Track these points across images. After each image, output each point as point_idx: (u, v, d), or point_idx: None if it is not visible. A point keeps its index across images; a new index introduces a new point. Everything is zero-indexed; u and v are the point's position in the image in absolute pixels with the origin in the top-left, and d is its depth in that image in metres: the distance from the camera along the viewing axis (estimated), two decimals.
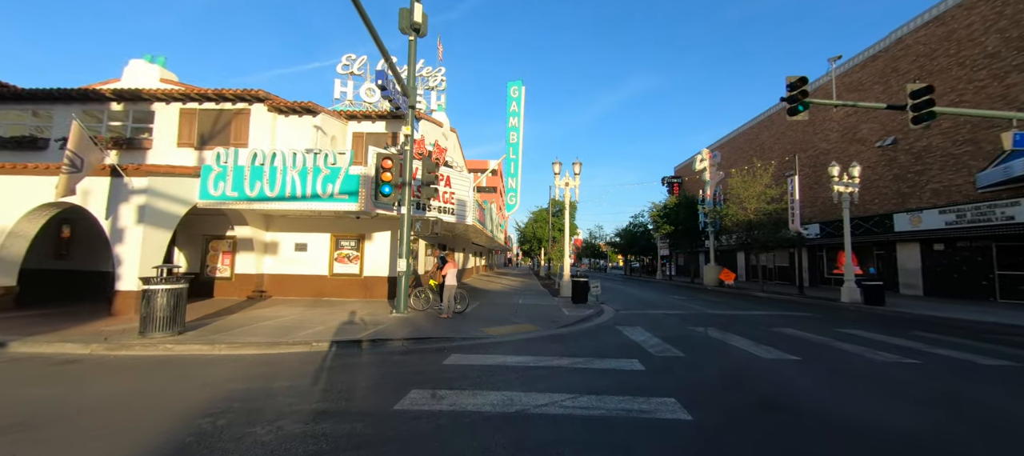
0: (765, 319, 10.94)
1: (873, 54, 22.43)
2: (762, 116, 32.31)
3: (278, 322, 8.58)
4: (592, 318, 10.56)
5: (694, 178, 38.03)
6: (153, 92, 13.22)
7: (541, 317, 10.29)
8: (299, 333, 7.30)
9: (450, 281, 9.78)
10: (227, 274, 13.12)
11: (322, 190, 10.48)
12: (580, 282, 13.40)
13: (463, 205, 13.41)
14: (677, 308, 13.27)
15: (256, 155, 10.61)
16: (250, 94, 13.09)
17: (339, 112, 15.17)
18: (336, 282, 13.19)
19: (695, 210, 30.24)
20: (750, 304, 15.25)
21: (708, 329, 9.07)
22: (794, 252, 27.51)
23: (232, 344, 6.36)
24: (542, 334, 8.30)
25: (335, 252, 13.30)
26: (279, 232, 13.37)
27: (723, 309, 13.21)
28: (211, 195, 10.50)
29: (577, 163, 16.53)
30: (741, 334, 8.44)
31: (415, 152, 11.29)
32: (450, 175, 12.96)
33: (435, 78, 31.06)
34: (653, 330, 8.83)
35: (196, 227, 13.18)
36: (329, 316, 9.46)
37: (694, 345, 7.30)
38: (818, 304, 15.40)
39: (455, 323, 8.97)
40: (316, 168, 10.52)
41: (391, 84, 8.30)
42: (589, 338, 7.98)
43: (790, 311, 13.00)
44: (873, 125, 22.08)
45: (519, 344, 7.26)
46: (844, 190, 16.28)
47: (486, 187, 63.26)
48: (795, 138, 27.97)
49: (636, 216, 42.66)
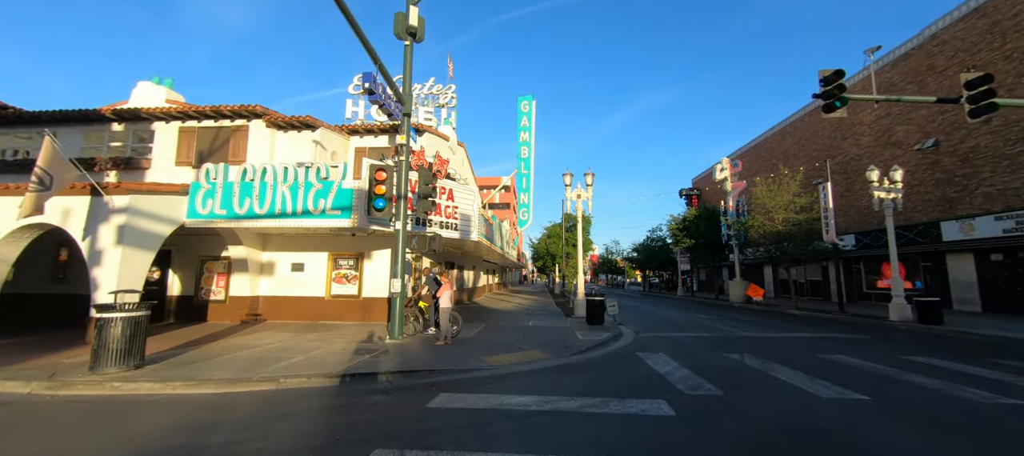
0: (808, 343, 9.59)
1: (905, 52, 21.01)
2: (785, 123, 30.86)
3: (256, 352, 7.75)
4: (609, 342, 9.42)
5: (714, 189, 36.50)
6: (151, 111, 12.97)
7: (551, 342, 9.21)
8: (271, 366, 6.44)
9: (445, 303, 8.84)
10: (222, 297, 12.49)
11: (314, 206, 9.79)
12: (595, 301, 12.27)
13: (467, 220, 12.55)
14: (704, 329, 11.96)
15: (246, 171, 10.04)
16: (247, 110, 12.69)
17: (341, 127, 14.68)
18: (334, 304, 12.40)
19: (716, 222, 28.74)
20: (786, 324, 13.77)
21: (744, 356, 7.82)
22: (827, 265, 25.70)
23: (189, 381, 5.52)
24: (551, 363, 7.24)
25: (333, 272, 12.56)
26: (275, 252, 12.74)
27: (756, 330, 11.84)
28: (199, 213, 9.92)
29: (589, 174, 15.57)
30: (786, 363, 7.18)
31: (413, 163, 10.56)
32: (453, 188, 12.16)
33: (445, 95, 30.83)
34: (680, 358, 7.65)
35: (191, 248, 12.67)
36: (317, 343, 8.61)
37: (732, 379, 6.12)
38: (864, 323, 13.81)
39: (453, 351, 7.98)
40: (307, 183, 9.86)
41: (380, 88, 7.60)
42: (605, 369, 6.87)
43: (834, 332, 11.54)
44: (909, 127, 20.50)
45: (523, 378, 6.22)
46: (886, 196, 14.81)
47: (499, 204, 62.70)
48: (822, 144, 26.42)
49: (654, 230, 41.15)
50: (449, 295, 8.93)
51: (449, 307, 8.86)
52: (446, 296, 8.84)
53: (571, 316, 14.70)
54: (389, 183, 9.10)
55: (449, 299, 8.88)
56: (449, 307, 8.86)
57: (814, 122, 27.43)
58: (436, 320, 9.10)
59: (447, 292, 8.88)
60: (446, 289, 8.90)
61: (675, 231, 30.73)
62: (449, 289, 8.99)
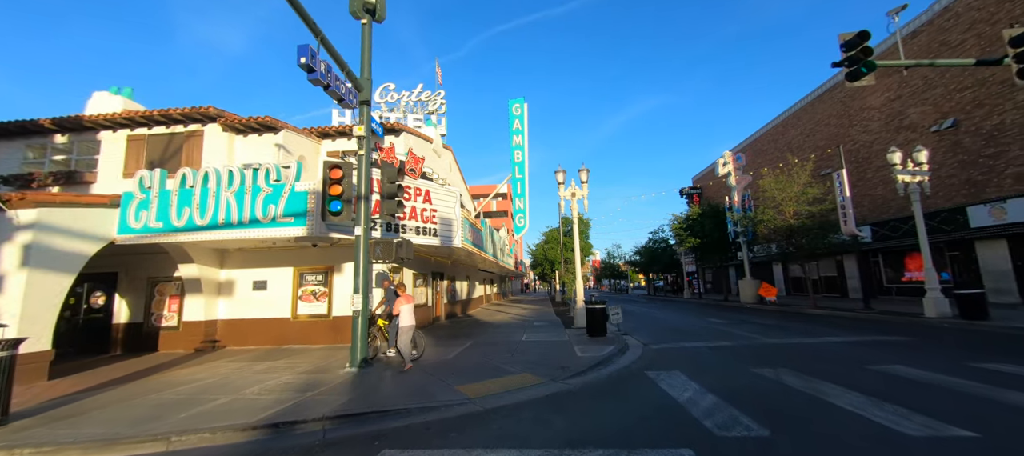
0: (848, 350, 8.14)
1: (913, 30, 19.80)
2: (787, 113, 29.65)
3: (183, 391, 6.33)
4: (613, 359, 7.99)
5: (717, 184, 35.20)
6: (95, 119, 11.69)
7: (545, 361, 7.77)
8: (178, 416, 5.02)
9: (405, 321, 7.49)
10: (174, 322, 11.06)
11: (263, 213, 8.43)
12: (596, 309, 10.83)
13: (448, 224, 11.18)
14: (722, 337, 10.51)
15: (185, 176, 8.70)
16: (200, 112, 11.41)
17: (310, 129, 13.39)
18: (300, 326, 10.97)
19: (722, 219, 27.34)
20: (810, 326, 12.30)
21: (780, 372, 6.39)
22: (842, 260, 24.23)
23: (44, 447, 4.10)
24: (542, 392, 5.81)
25: (299, 289, 11.15)
26: (235, 269, 11.35)
27: (781, 336, 10.38)
28: (132, 228, 8.57)
29: (583, 170, 14.21)
30: (834, 380, 5.75)
31: (379, 160, 9.22)
32: (430, 189, 10.82)
33: (434, 102, 29.84)
34: (701, 377, 6.22)
35: (140, 268, 11.28)
36: (262, 376, 7.18)
37: (775, 408, 4.69)
38: (898, 322, 12.33)
39: (423, 380, 6.55)
40: (255, 187, 8.52)
41: (323, 67, 6.28)
42: (609, 398, 5.45)
43: (869, 334, 10.09)
44: (924, 108, 19.21)
45: (503, 418, 4.80)
46: (911, 179, 13.45)
47: (496, 212, 61.47)
48: (829, 132, 25.14)
49: (656, 231, 39.72)
50: (409, 311, 7.58)
51: (410, 325, 7.50)
52: (406, 312, 7.48)
53: (571, 327, 13.25)
54: (347, 183, 7.75)
55: (410, 316, 7.53)
56: (410, 325, 7.50)
57: (819, 110, 26.21)
58: (396, 341, 7.72)
59: (406, 307, 7.53)
60: (404, 303, 7.55)
61: (678, 231, 29.29)
62: (408, 303, 7.64)
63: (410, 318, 7.52)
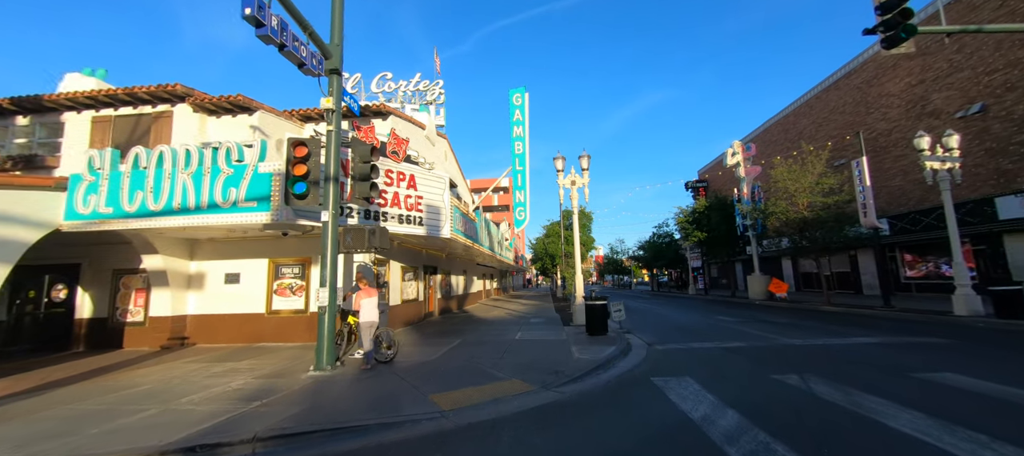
0: (881, 353, 7.18)
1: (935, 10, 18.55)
2: (799, 102, 28.45)
3: (118, 398, 5.50)
4: (614, 361, 7.09)
5: (725, 176, 34.13)
6: (56, 99, 10.85)
7: (537, 363, 6.88)
8: (90, 430, 4.18)
9: (366, 316, 6.78)
10: (140, 317, 10.27)
11: (222, 197, 7.56)
12: (596, 306, 9.91)
13: (436, 213, 10.29)
14: (733, 337, 9.57)
15: (138, 156, 7.83)
16: (167, 91, 10.54)
17: (291, 111, 12.50)
18: (275, 322, 10.14)
19: (729, 212, 26.28)
20: (831, 325, 11.33)
21: (808, 379, 5.46)
22: (856, 255, 23.15)
23: None
24: (528, 404, 4.92)
25: (274, 283, 10.31)
26: (206, 260, 10.52)
27: (801, 335, 9.43)
28: (80, 213, 7.73)
29: (584, 156, 13.23)
30: (877, 391, 4.81)
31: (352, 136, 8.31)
32: (416, 174, 9.91)
33: (433, 91, 28.83)
34: (716, 386, 5.30)
35: (104, 259, 10.48)
36: (214, 380, 6.33)
37: (812, 429, 3.77)
38: (926, 321, 11.34)
39: (392, 387, 5.68)
40: (215, 168, 7.64)
41: (271, 20, 5.35)
42: (607, 413, 4.55)
43: (899, 334, 9.11)
44: (950, 93, 18.03)
45: (476, 438, 3.91)
46: (940, 166, 12.39)
47: (498, 206, 60.53)
48: (843, 121, 23.97)
49: (660, 226, 38.67)
50: (371, 306, 6.80)
51: (372, 322, 6.74)
52: (367, 307, 6.70)
53: (570, 324, 12.35)
54: (315, 162, 6.86)
55: (372, 310, 6.77)
56: (372, 322, 6.74)
57: (833, 98, 25.01)
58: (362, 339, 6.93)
59: (368, 301, 6.77)
60: (364, 297, 6.77)
61: (684, 224, 28.25)
62: (370, 297, 6.85)
63: (372, 313, 6.77)
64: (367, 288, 7.40)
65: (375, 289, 7.21)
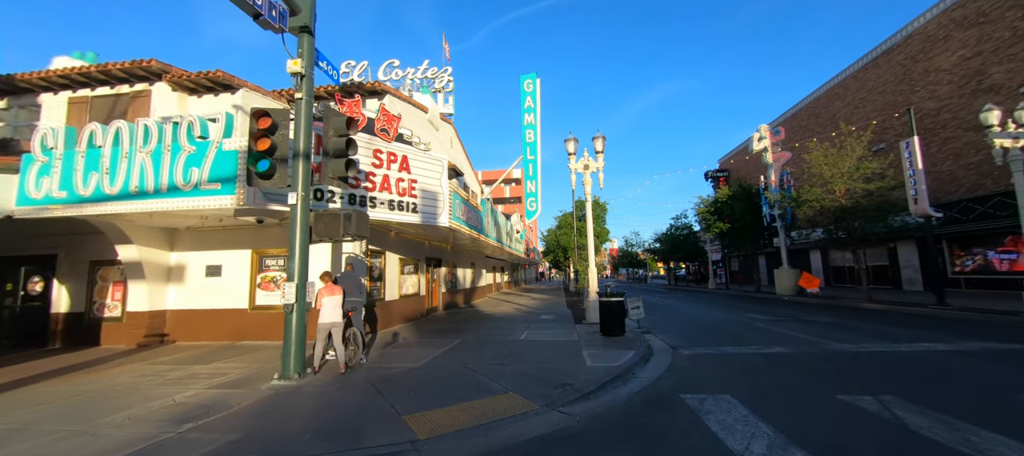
0: (967, 365, 5.87)
1: None
2: (831, 84, 26.37)
3: (41, 412, 4.65)
4: (633, 371, 5.96)
5: (749, 163, 32.30)
6: (29, 79, 10.14)
7: (543, 372, 5.80)
8: None
9: (326, 317, 6.00)
10: (118, 312, 9.57)
11: (184, 178, 6.65)
12: (612, 303, 8.75)
13: (432, 198, 9.25)
14: (771, 339, 8.30)
15: (93, 134, 6.98)
16: (142, 67, 9.72)
17: (279, 91, 11.58)
18: (258, 318, 9.30)
19: (754, 201, 24.63)
20: (885, 326, 9.92)
21: (887, 403, 4.24)
22: (895, 246, 21.29)
23: None
24: (525, 431, 3.86)
25: (258, 276, 9.47)
26: (187, 251, 9.74)
27: (851, 339, 8.10)
28: (32, 198, 6.94)
29: (599, 137, 11.98)
30: (988, 421, 3.58)
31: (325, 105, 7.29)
32: (409, 155, 8.88)
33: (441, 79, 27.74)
34: (766, 409, 4.14)
35: (81, 249, 9.80)
36: (164, 389, 5.45)
37: None
38: (996, 322, 9.83)
39: (360, 403, 4.68)
40: (175, 145, 6.73)
41: None
42: (631, 450, 3.44)
43: (977, 340, 7.70)
44: (1013, 65, 16.04)
45: None
46: (1012, 144, 10.74)
47: (510, 197, 59.41)
48: (883, 101, 21.95)
49: (678, 217, 36.98)
50: (332, 305, 6.04)
51: (329, 323, 6.04)
52: (329, 306, 5.95)
53: (582, 322, 11.23)
54: (283, 137, 5.89)
55: (332, 311, 6.03)
56: (329, 323, 6.04)
57: (870, 77, 22.97)
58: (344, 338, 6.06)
59: (329, 299, 6.00)
60: (326, 295, 6.05)
61: (705, 214, 26.63)
62: (333, 295, 6.02)
63: (333, 314, 5.98)
64: (330, 284, 6.42)
65: (338, 286, 6.29)
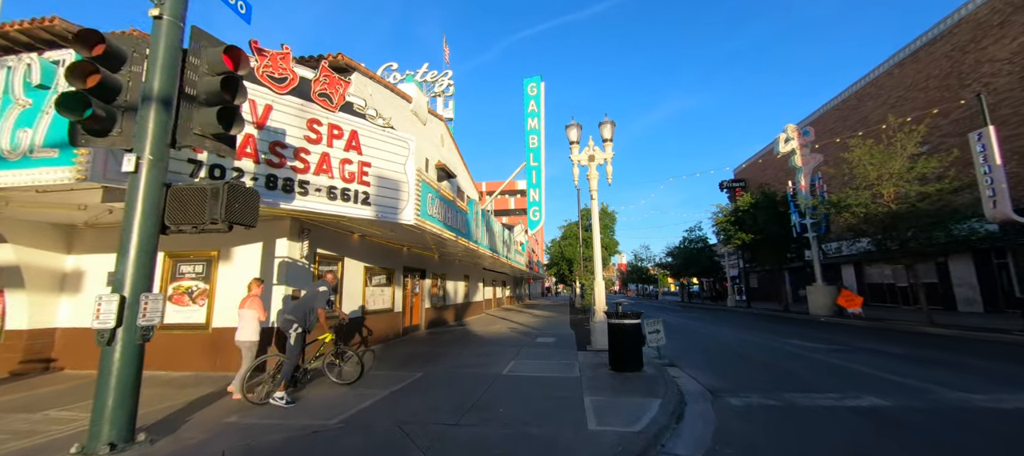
0: None
1: None
2: (862, 83, 24.15)
3: None
4: (662, 439, 3.74)
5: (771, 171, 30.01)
6: None
7: (520, 437, 3.61)
8: None
9: (240, 335, 4.73)
10: None
11: (11, 143, 4.68)
12: (626, 327, 6.53)
13: (393, 188, 7.20)
14: (849, 383, 5.99)
15: None
16: (44, 27, 7.91)
17: None
18: (167, 341, 7.18)
19: (779, 210, 22.22)
20: (988, 363, 7.53)
21: None
22: (945, 261, 18.68)
23: None
24: None
25: (170, 286, 7.44)
26: (88, 254, 7.78)
27: (960, 385, 5.75)
28: None
29: (607, 123, 9.88)
30: None
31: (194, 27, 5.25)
32: (358, 130, 6.85)
33: (442, 82, 26.20)
34: None
35: None
36: None
37: None
38: None
39: None
40: (5, 97, 4.79)
41: None
42: None
43: None
44: None
45: None
46: None
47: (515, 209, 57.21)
48: (926, 99, 19.65)
49: (692, 229, 34.54)
50: (250, 320, 4.61)
51: (250, 342, 4.59)
52: (248, 321, 4.70)
53: (586, 348, 8.99)
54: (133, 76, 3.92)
55: (249, 329, 4.68)
56: (250, 342, 4.59)
57: (910, 73, 20.73)
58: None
59: (245, 312, 4.73)
60: (246, 306, 4.77)
61: (725, 225, 24.22)
62: (252, 311, 4.23)
63: (251, 330, 4.72)
64: (251, 296, 4.92)
65: (261, 308, 4.41)
